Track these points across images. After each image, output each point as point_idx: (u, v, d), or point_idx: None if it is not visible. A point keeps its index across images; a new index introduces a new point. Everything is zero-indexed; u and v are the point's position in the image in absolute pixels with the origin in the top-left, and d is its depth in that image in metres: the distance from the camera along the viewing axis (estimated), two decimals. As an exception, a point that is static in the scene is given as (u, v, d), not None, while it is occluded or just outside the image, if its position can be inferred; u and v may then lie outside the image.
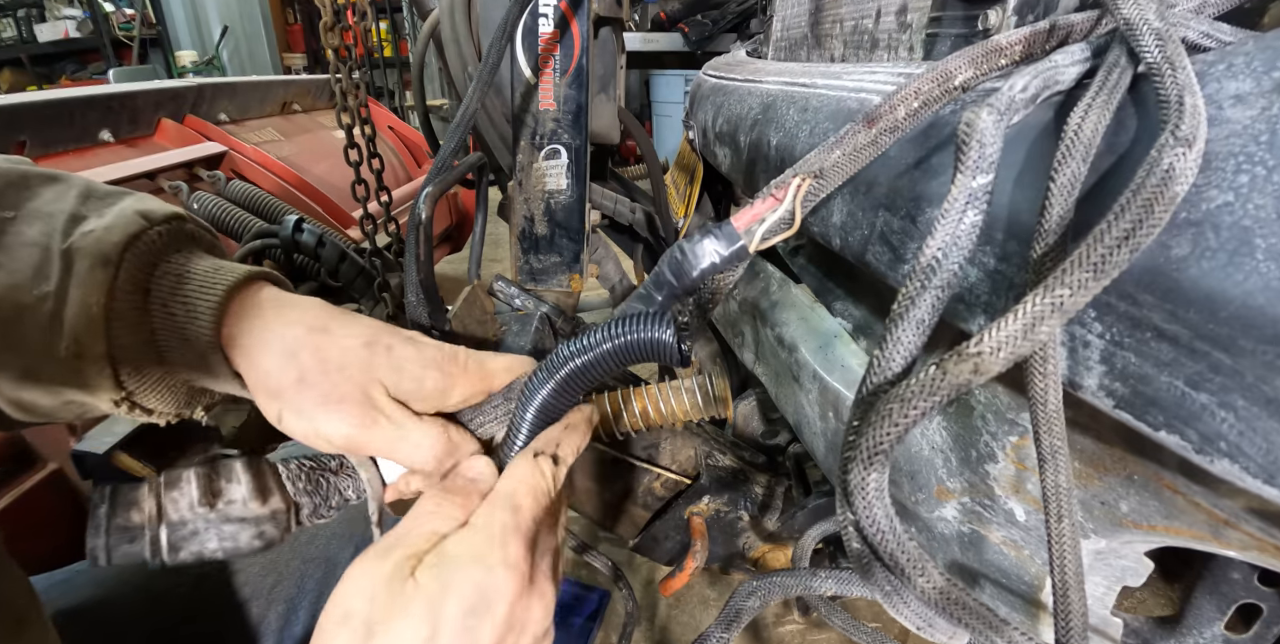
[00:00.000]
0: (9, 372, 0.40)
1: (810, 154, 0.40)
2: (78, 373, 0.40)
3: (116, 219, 0.41)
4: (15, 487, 1.17)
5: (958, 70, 0.36)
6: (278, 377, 0.41)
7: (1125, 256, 0.25)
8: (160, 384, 0.42)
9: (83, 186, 0.43)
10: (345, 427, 0.41)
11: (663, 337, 0.37)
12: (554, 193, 0.89)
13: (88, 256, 0.39)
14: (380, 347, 0.42)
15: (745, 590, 0.59)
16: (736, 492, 0.88)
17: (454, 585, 0.34)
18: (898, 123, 0.37)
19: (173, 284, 0.41)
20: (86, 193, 0.43)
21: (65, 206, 0.41)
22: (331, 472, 0.46)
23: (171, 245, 0.43)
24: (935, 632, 0.38)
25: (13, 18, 5.57)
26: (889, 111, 0.37)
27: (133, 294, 0.40)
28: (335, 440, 0.41)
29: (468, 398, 0.44)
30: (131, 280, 0.40)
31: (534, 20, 0.79)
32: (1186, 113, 0.26)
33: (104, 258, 0.39)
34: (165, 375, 0.42)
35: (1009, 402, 0.41)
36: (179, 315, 0.40)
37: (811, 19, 0.84)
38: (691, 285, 0.46)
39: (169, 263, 0.42)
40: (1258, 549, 0.32)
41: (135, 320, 0.40)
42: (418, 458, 0.42)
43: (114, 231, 0.40)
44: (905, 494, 0.52)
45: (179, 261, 0.42)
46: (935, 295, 0.32)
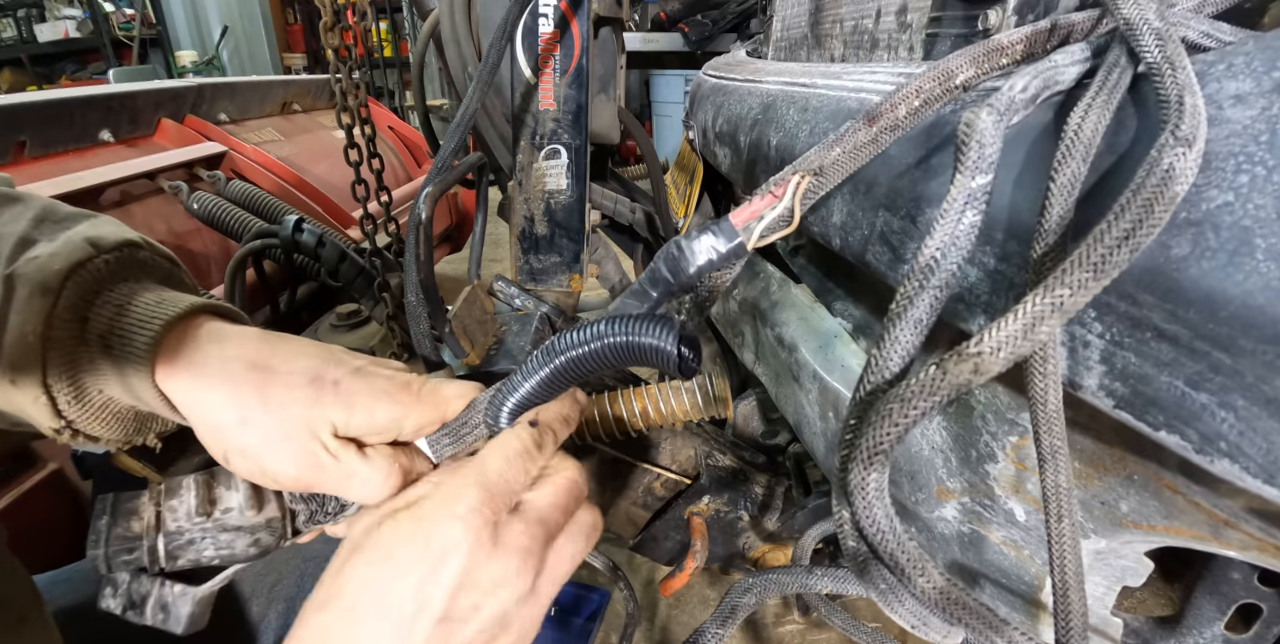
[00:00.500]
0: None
1: (810, 151, 0.40)
2: (12, 401, 0.39)
3: (63, 246, 0.40)
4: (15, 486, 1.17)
5: (959, 69, 0.36)
6: (218, 416, 0.40)
7: (1125, 256, 0.25)
8: (104, 412, 0.42)
9: (40, 209, 0.43)
10: (292, 468, 0.40)
11: (663, 345, 0.36)
12: (554, 193, 0.89)
13: (28, 284, 0.38)
14: (326, 383, 0.41)
15: (741, 587, 0.59)
16: (736, 492, 0.88)
17: (407, 534, 0.36)
18: (898, 121, 0.37)
19: (111, 315, 0.40)
20: (42, 216, 0.42)
21: (17, 229, 0.41)
22: None
23: (118, 275, 0.42)
24: (930, 631, 0.38)
25: (13, 18, 5.57)
26: (890, 110, 0.37)
27: (71, 323, 0.39)
28: (282, 481, 0.41)
29: (422, 426, 0.43)
30: (70, 309, 0.39)
31: (534, 20, 0.80)
32: (1186, 113, 0.26)
33: (44, 286, 0.38)
34: (108, 403, 0.41)
35: (1009, 402, 0.41)
36: (115, 348, 0.40)
37: (811, 19, 0.84)
38: (688, 282, 0.46)
39: (111, 293, 0.41)
40: (1258, 549, 0.32)
41: (71, 350, 0.39)
42: (369, 493, 0.41)
43: (58, 259, 0.39)
44: (905, 494, 0.52)
45: (122, 292, 0.41)
46: (934, 295, 0.32)
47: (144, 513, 0.43)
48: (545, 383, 0.40)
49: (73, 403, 0.40)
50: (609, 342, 0.37)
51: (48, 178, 1.36)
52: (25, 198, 0.44)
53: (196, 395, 0.40)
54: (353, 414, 0.41)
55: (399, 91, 6.09)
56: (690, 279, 0.45)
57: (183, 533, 0.42)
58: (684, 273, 0.45)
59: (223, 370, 0.40)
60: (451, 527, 0.36)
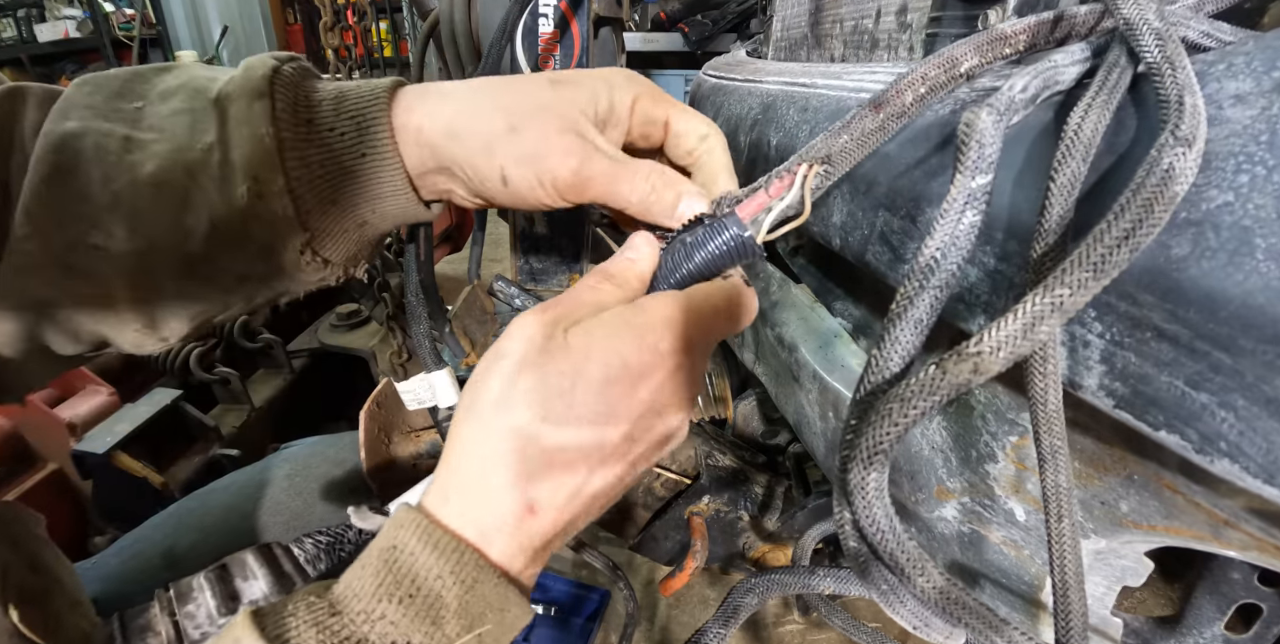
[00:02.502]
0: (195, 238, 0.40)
1: (816, 140, 0.40)
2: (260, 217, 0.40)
3: (250, 64, 0.42)
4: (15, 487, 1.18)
5: (963, 57, 0.36)
6: (487, 132, 0.40)
7: (1125, 256, 0.25)
8: (336, 227, 0.43)
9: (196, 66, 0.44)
10: (572, 160, 0.40)
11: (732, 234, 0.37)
12: (554, 193, 0.89)
13: (241, 97, 0.40)
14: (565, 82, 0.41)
15: (743, 587, 0.59)
16: (736, 492, 0.88)
17: (603, 350, 0.34)
18: (905, 108, 0.37)
19: (333, 106, 0.41)
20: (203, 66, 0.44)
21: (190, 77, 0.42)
22: (351, 544, 0.43)
23: (307, 77, 0.43)
24: (931, 631, 0.38)
25: (13, 18, 5.57)
26: (896, 96, 0.37)
27: (296, 125, 0.40)
28: (560, 181, 0.40)
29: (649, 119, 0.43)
30: (289, 109, 0.40)
31: (534, 20, 0.80)
32: (1186, 113, 0.26)
33: (256, 92, 0.40)
34: (340, 216, 0.43)
35: (1009, 402, 0.41)
36: (349, 134, 0.41)
37: (811, 19, 0.84)
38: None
39: (317, 91, 0.42)
40: (1258, 549, 0.32)
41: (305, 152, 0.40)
42: (635, 188, 0.40)
43: (254, 70, 0.41)
44: (905, 494, 0.52)
45: (325, 88, 0.43)
46: (933, 295, 0.32)
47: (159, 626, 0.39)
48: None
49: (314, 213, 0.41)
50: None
51: (48, 178, 1.35)
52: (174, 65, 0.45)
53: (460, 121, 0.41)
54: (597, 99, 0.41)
55: (399, 91, 6.07)
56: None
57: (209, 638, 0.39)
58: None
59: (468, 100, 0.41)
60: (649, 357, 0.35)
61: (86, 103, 0.41)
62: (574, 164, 0.40)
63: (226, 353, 1.63)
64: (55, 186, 0.39)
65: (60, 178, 0.39)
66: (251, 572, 0.41)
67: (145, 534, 0.75)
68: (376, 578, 0.32)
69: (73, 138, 0.39)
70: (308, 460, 0.84)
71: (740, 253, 0.38)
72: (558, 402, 0.33)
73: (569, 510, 0.35)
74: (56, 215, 0.39)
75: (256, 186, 0.39)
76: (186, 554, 0.71)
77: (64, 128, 0.39)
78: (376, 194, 0.43)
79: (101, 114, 0.40)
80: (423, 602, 0.32)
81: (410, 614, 0.31)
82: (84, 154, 0.39)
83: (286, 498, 0.79)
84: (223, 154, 0.40)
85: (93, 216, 0.39)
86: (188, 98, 0.41)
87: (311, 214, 0.42)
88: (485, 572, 0.33)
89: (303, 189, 0.41)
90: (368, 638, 0.31)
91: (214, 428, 1.37)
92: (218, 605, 0.40)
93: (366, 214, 0.44)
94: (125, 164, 0.39)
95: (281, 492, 0.79)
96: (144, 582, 0.66)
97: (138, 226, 0.40)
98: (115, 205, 0.39)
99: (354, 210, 0.43)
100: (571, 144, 0.40)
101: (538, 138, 0.40)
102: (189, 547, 0.72)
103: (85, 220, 0.39)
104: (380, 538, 0.34)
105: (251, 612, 0.30)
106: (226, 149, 0.40)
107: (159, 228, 0.40)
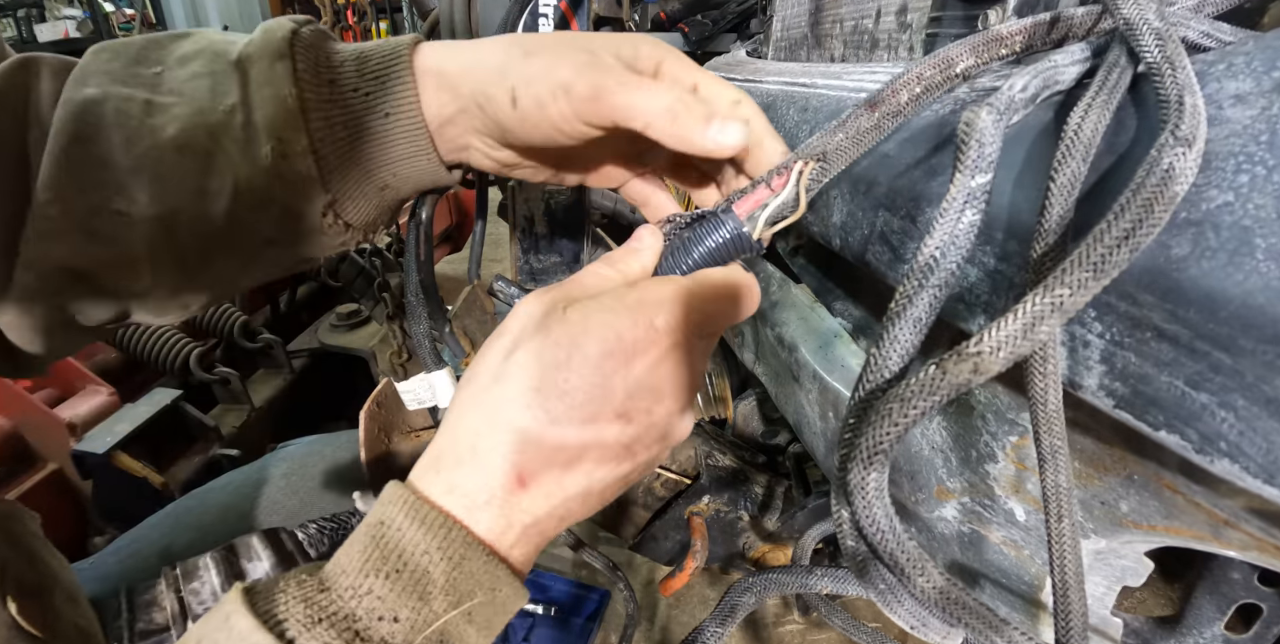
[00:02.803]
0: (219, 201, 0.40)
1: (812, 138, 0.40)
2: (283, 178, 0.40)
3: (268, 27, 0.42)
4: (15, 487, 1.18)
5: (959, 57, 0.36)
6: (502, 60, 0.40)
7: (1125, 256, 0.25)
8: (357, 189, 0.43)
9: (212, 32, 0.44)
10: (586, 71, 0.38)
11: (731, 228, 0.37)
12: (554, 193, 0.89)
13: (262, 58, 0.40)
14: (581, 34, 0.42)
15: (741, 587, 0.59)
16: (736, 492, 0.88)
17: (599, 324, 0.34)
18: (900, 107, 0.37)
19: (355, 66, 0.41)
20: (220, 33, 0.44)
21: (209, 42, 0.42)
22: (353, 528, 0.43)
23: (325, 39, 0.43)
24: (929, 631, 0.38)
25: (13, 18, 5.57)
26: (891, 96, 0.37)
27: (319, 86, 0.40)
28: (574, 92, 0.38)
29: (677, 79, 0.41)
30: (311, 70, 0.41)
31: (534, 20, 0.80)
32: (1186, 113, 0.26)
33: (277, 53, 0.40)
34: (362, 178, 0.43)
35: (1009, 402, 0.41)
36: (374, 93, 0.41)
37: (811, 19, 0.84)
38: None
39: (338, 52, 0.42)
40: (1258, 549, 0.32)
41: (328, 112, 0.41)
42: (658, 104, 0.37)
43: (273, 32, 0.41)
44: (905, 494, 0.52)
45: (345, 48, 0.43)
46: (932, 295, 0.32)
47: (164, 602, 0.40)
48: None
49: (336, 174, 0.41)
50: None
51: (48, 178, 1.35)
52: (191, 31, 0.45)
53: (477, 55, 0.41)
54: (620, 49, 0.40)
55: (399, 91, 6.08)
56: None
57: None
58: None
59: (492, 41, 0.41)
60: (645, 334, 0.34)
61: (105, 69, 0.40)
62: (589, 74, 0.38)
63: (226, 353, 1.63)
64: (77, 153, 0.39)
65: (82, 144, 0.39)
66: (256, 553, 0.42)
67: (143, 534, 0.75)
68: (364, 554, 0.32)
69: (93, 103, 0.39)
70: (305, 459, 0.85)
71: (738, 248, 0.38)
72: (552, 374, 0.33)
73: (561, 488, 0.34)
74: (79, 181, 0.39)
75: (280, 147, 0.39)
76: (184, 553, 0.71)
77: (83, 94, 0.39)
78: (398, 155, 0.43)
79: (120, 80, 0.40)
80: (409, 577, 0.31)
81: (397, 589, 0.31)
82: (105, 119, 0.39)
83: (283, 497, 0.79)
84: (245, 115, 0.40)
85: (116, 182, 0.39)
86: (207, 61, 0.41)
87: (334, 175, 0.42)
88: (473, 548, 0.33)
89: (326, 149, 0.41)
90: (355, 613, 0.30)
91: (214, 428, 1.37)
92: (221, 583, 0.41)
93: (388, 177, 0.44)
94: (147, 128, 0.39)
95: (278, 491, 0.79)
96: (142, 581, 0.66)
97: (161, 191, 0.40)
98: (138, 170, 0.39)
99: (376, 172, 0.44)
100: (587, 60, 0.38)
101: (551, 58, 0.39)
102: (186, 546, 0.72)
103: (108, 186, 0.39)
104: (370, 514, 0.34)
105: (243, 588, 0.30)
106: (249, 110, 0.40)
107: (182, 192, 0.40)
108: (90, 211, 0.39)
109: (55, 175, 0.39)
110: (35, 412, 1.23)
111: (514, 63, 0.40)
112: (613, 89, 0.38)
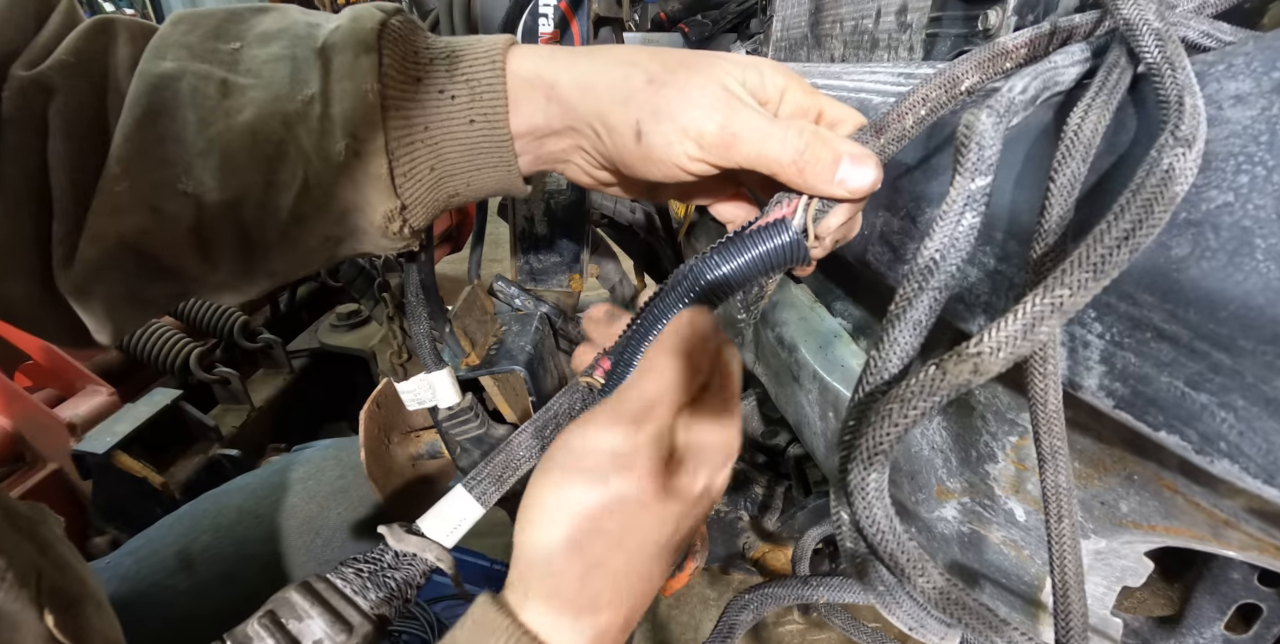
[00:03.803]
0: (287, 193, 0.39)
1: None
2: (353, 178, 0.39)
3: (357, 14, 0.40)
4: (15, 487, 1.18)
5: (964, 75, 0.36)
6: (624, 84, 0.37)
7: (1125, 256, 0.25)
8: (428, 196, 0.41)
9: (294, 8, 0.42)
10: (718, 113, 0.35)
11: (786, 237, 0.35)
12: (554, 193, 0.89)
13: (346, 48, 0.38)
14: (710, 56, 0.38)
15: (738, 604, 0.58)
16: (736, 492, 0.88)
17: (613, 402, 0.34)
18: (905, 132, 0.37)
19: (446, 66, 0.39)
20: (302, 11, 0.42)
21: (292, 21, 0.40)
22: (391, 567, 0.42)
23: (416, 31, 0.41)
24: (927, 633, 0.38)
25: (13, 18, 5.56)
26: (897, 120, 0.37)
27: (404, 83, 0.38)
28: (707, 136, 0.35)
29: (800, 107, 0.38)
30: (397, 65, 0.38)
31: (534, 20, 0.80)
32: (1186, 113, 0.26)
33: (364, 45, 0.38)
34: (434, 185, 0.41)
35: (1009, 402, 0.41)
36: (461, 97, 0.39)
37: (811, 19, 0.84)
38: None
39: (428, 48, 0.40)
40: (1258, 549, 0.32)
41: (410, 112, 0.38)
42: (787, 144, 0.35)
43: (362, 21, 0.39)
44: (905, 494, 0.52)
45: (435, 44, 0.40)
46: (933, 297, 0.31)
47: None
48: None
49: (407, 178, 0.39)
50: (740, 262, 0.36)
51: (48, 178, 1.35)
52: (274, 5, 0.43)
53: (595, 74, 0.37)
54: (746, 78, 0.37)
55: (399, 91, 6.07)
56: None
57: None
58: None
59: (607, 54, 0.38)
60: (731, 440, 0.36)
61: (183, 42, 0.39)
62: (720, 118, 0.35)
63: (226, 353, 1.63)
64: (150, 129, 0.38)
65: (155, 120, 0.38)
66: (304, 611, 0.39)
67: (158, 535, 0.76)
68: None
69: (170, 79, 0.38)
70: (321, 464, 0.85)
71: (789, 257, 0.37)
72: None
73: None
74: (149, 158, 0.38)
75: (355, 144, 0.38)
76: (200, 555, 0.71)
77: (160, 68, 0.38)
78: (478, 165, 0.41)
79: (198, 55, 0.39)
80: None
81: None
82: (180, 96, 0.38)
83: (301, 502, 0.79)
84: (324, 107, 0.38)
85: (185, 161, 0.38)
86: (289, 44, 0.39)
87: (407, 179, 0.40)
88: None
89: (402, 151, 0.39)
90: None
91: (214, 428, 1.37)
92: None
93: (460, 186, 0.42)
94: (222, 110, 0.38)
95: (296, 496, 0.80)
96: (159, 581, 0.66)
97: (229, 176, 0.38)
98: (209, 152, 0.38)
99: (450, 180, 0.41)
100: (717, 96, 0.35)
101: (679, 90, 0.36)
102: (203, 548, 0.72)
103: (178, 165, 0.38)
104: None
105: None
106: (328, 103, 0.38)
107: (251, 179, 0.39)
108: (157, 189, 0.38)
109: (126, 150, 0.37)
110: (35, 412, 1.23)
111: (637, 90, 0.36)
112: (745, 138, 0.35)
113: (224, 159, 0.38)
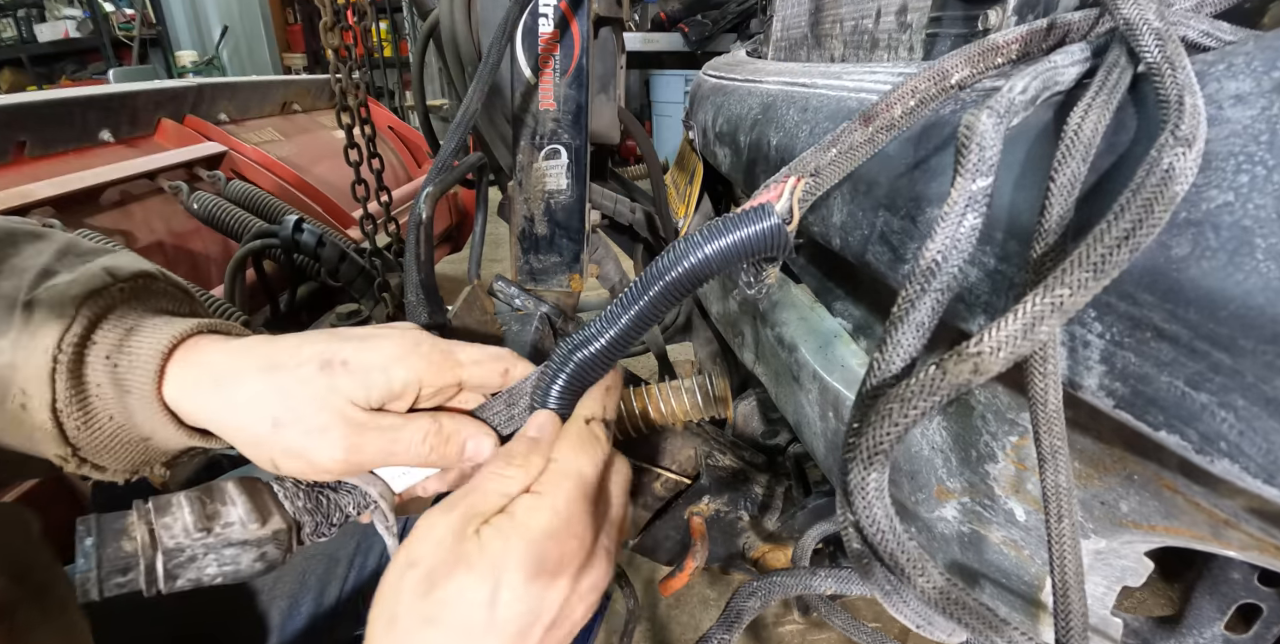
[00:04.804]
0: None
1: (805, 153, 0.40)
2: (22, 425, 0.40)
3: (81, 275, 0.41)
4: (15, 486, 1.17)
5: (954, 69, 0.36)
6: (253, 428, 0.41)
7: (1125, 256, 0.25)
8: (114, 441, 0.42)
9: (64, 243, 0.44)
10: (339, 453, 0.41)
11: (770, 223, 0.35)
12: (554, 193, 0.89)
13: (44, 307, 0.40)
14: (336, 364, 0.41)
15: (745, 591, 0.59)
16: (736, 492, 0.88)
17: (520, 550, 0.35)
18: (894, 121, 0.37)
19: (119, 337, 0.41)
20: (65, 250, 0.44)
21: (40, 262, 0.42)
22: (331, 488, 0.45)
23: (132, 303, 0.43)
24: (934, 630, 0.38)
25: (13, 18, 5.57)
26: (885, 110, 0.37)
27: (79, 347, 0.40)
28: (333, 468, 0.42)
29: (439, 388, 0.44)
30: (82, 332, 0.40)
31: (534, 20, 0.79)
32: (1186, 113, 0.26)
33: (60, 309, 0.39)
34: (118, 432, 0.42)
35: (1009, 402, 0.41)
36: (121, 367, 0.40)
37: (811, 19, 0.84)
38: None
39: (122, 318, 0.42)
40: (1258, 549, 0.32)
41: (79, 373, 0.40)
42: (415, 454, 0.42)
43: (75, 285, 0.41)
44: (905, 494, 0.52)
45: (132, 318, 0.42)
46: (935, 298, 0.31)
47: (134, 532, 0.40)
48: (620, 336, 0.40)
49: (81, 428, 0.40)
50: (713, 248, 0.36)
51: (48, 178, 1.36)
52: (49, 234, 0.45)
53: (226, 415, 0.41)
54: (370, 387, 0.41)
55: (399, 91, 6.08)
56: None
57: (183, 550, 0.40)
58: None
59: (239, 382, 0.41)
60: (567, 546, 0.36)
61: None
62: (339, 455, 0.41)
63: (226, 353, 1.63)
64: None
65: None
66: (231, 498, 0.42)
67: None
68: None
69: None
70: None
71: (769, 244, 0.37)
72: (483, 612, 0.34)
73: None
74: None
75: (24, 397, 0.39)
76: None
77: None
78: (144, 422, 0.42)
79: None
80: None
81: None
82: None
83: None
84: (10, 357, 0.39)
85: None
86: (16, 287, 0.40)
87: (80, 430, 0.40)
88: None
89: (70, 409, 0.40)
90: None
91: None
92: (194, 521, 0.41)
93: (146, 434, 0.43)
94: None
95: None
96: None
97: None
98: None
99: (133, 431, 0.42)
100: (336, 437, 0.40)
101: (301, 433, 0.40)
102: None
103: None
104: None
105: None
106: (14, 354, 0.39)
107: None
108: None
109: None
110: (35, 412, 1.23)
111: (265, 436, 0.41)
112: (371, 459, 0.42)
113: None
